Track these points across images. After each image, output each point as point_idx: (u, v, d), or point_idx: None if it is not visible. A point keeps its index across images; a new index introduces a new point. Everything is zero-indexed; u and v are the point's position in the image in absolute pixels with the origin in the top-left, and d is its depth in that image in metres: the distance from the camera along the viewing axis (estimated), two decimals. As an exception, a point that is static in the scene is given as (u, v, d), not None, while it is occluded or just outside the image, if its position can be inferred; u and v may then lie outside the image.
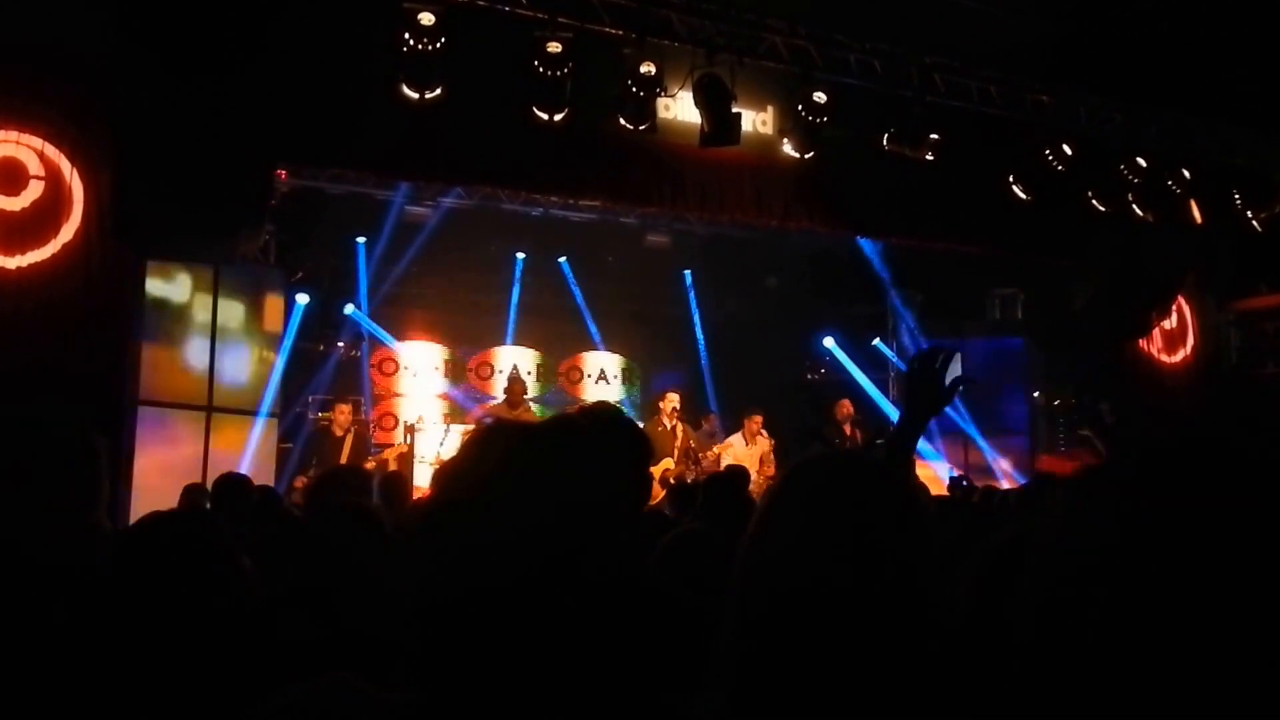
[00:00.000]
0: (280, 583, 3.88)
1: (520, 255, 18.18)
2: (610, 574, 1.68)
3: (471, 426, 15.35)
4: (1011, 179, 14.49)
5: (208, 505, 8.49)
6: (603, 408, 4.26)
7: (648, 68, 12.05)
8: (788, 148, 13.35)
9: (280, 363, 14.51)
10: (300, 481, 13.08)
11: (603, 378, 19.10)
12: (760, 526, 2.01)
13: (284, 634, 3.48)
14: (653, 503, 12.94)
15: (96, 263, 10.61)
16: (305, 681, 1.73)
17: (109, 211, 10.63)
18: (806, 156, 13.29)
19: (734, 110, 12.40)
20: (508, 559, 1.60)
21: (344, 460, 13.48)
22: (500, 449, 1.75)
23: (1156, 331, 17.07)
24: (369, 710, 1.67)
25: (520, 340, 18.59)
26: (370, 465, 13.61)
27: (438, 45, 11.12)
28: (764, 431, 15.26)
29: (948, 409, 3.53)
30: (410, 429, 15.88)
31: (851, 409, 16.01)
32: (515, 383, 15.21)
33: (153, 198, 10.38)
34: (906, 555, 1.91)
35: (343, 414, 14.48)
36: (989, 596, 2.20)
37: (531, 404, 16.62)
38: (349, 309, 16.80)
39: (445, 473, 1.79)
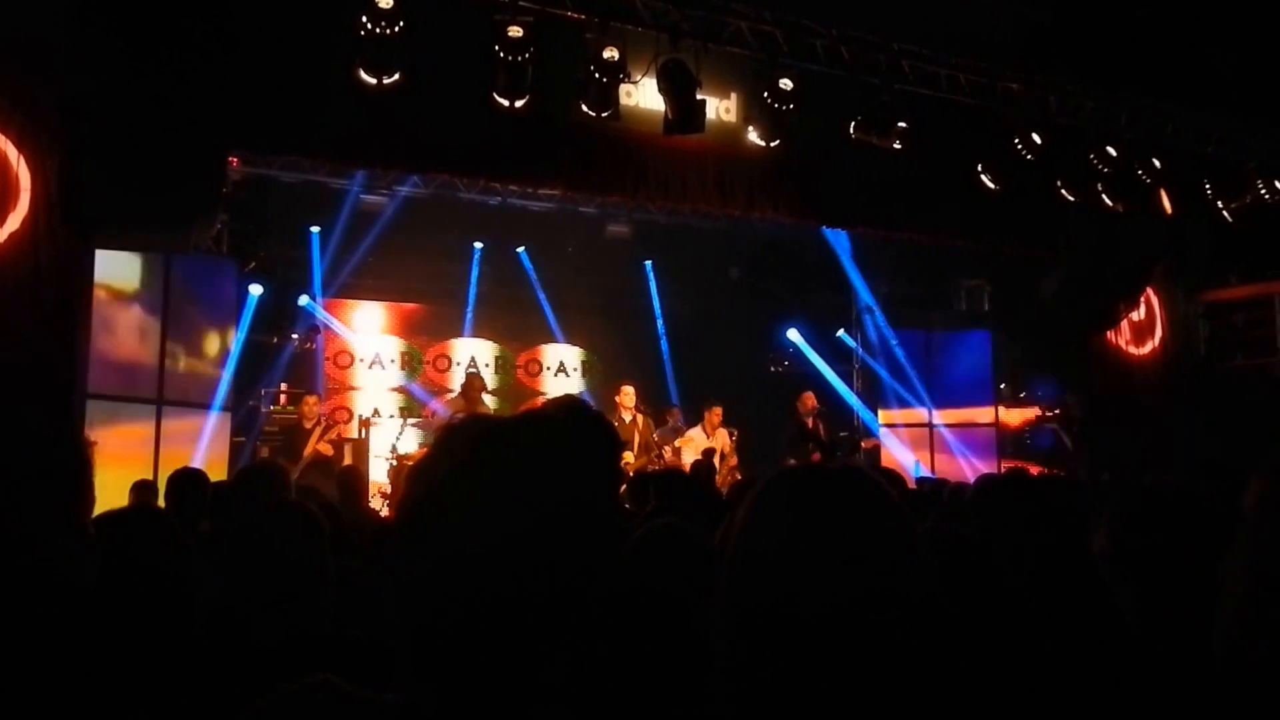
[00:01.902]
0: (239, 581, 3.83)
1: (478, 245, 18.05)
2: (598, 570, 1.66)
3: (423, 419, 15.29)
4: (980, 168, 14.35)
5: (159, 502, 8.24)
6: (570, 401, 4.12)
7: (610, 53, 11.86)
8: (753, 135, 13.19)
9: (233, 355, 14.26)
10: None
11: (562, 370, 18.97)
12: (742, 538, 1.94)
13: (241, 633, 3.52)
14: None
15: (44, 252, 10.32)
16: (289, 684, 1.71)
17: (57, 200, 10.33)
18: (772, 144, 13.13)
19: (698, 97, 12.21)
20: (494, 562, 1.58)
21: (307, 452, 13.31)
22: (477, 447, 1.70)
23: (1125, 323, 17.00)
24: (356, 712, 1.65)
25: (478, 332, 18.45)
26: (326, 449, 13.46)
27: (396, 29, 10.88)
28: (724, 425, 15.19)
29: (913, 401, 3.51)
30: (365, 423, 15.68)
31: (815, 402, 15.87)
32: (473, 378, 14.95)
33: (103, 185, 10.15)
34: (894, 562, 1.86)
35: (309, 405, 14.24)
36: None
37: (488, 399, 16.38)
38: (303, 300, 16.58)
39: (420, 472, 1.73)
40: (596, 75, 11.89)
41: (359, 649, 3.30)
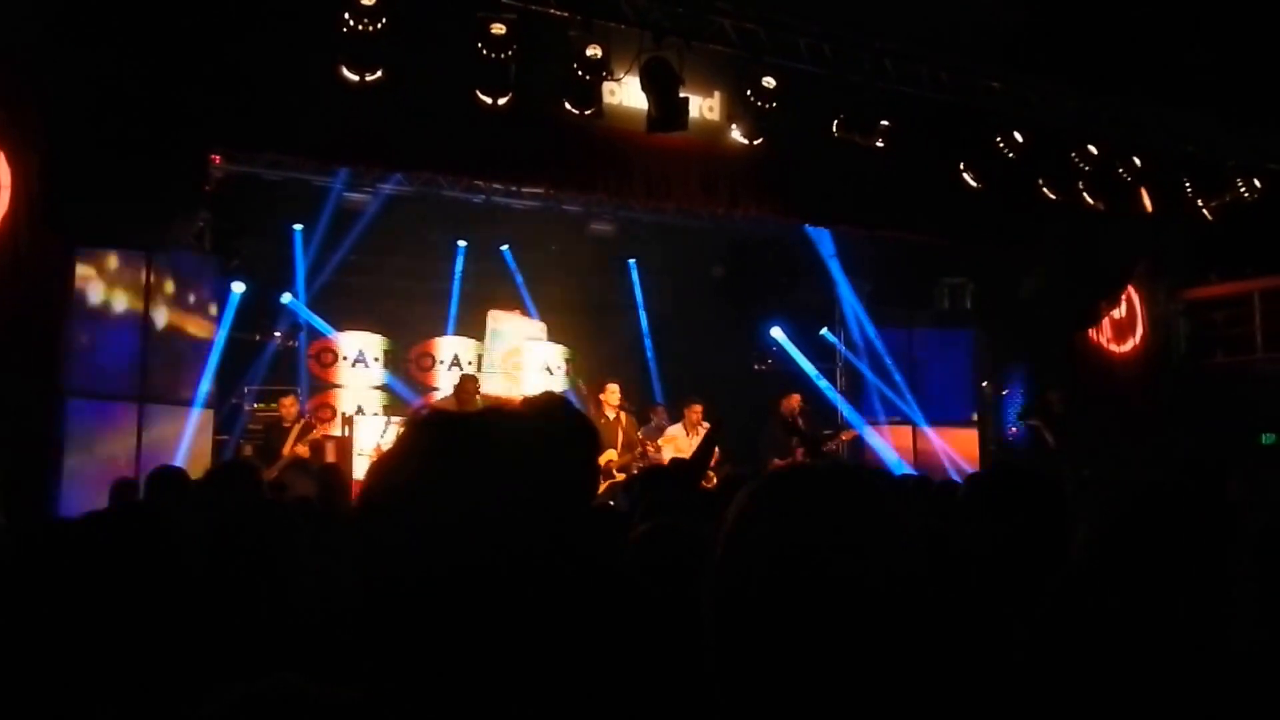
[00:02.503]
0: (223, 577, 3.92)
1: (461, 243, 17.98)
2: (552, 563, 1.64)
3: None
4: (962, 166, 14.40)
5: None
6: (547, 398, 4.20)
7: (593, 51, 11.88)
8: (736, 134, 13.23)
9: (215, 353, 14.20)
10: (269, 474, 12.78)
11: (546, 368, 18.91)
12: (730, 540, 1.88)
13: (229, 629, 3.55)
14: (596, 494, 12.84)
15: (25, 250, 10.32)
16: (246, 683, 1.68)
17: (38, 197, 10.30)
18: (755, 143, 13.18)
19: (681, 95, 12.21)
20: (438, 548, 1.57)
21: (287, 450, 13.25)
22: (433, 437, 1.72)
23: (1106, 321, 17.04)
24: (311, 710, 1.62)
25: (462, 330, 18.36)
26: (303, 450, 13.38)
27: (379, 26, 10.91)
28: (705, 421, 15.15)
29: (896, 399, 3.50)
30: (348, 420, 15.63)
31: (799, 403, 15.82)
32: (468, 380, 14.92)
33: (83, 183, 10.15)
34: (890, 566, 1.81)
35: (286, 407, 14.17)
36: None
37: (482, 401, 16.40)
38: (286, 298, 16.53)
39: (379, 463, 1.75)
40: (580, 73, 11.92)
41: (341, 642, 3.31)
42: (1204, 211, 16.21)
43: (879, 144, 13.39)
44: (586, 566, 1.72)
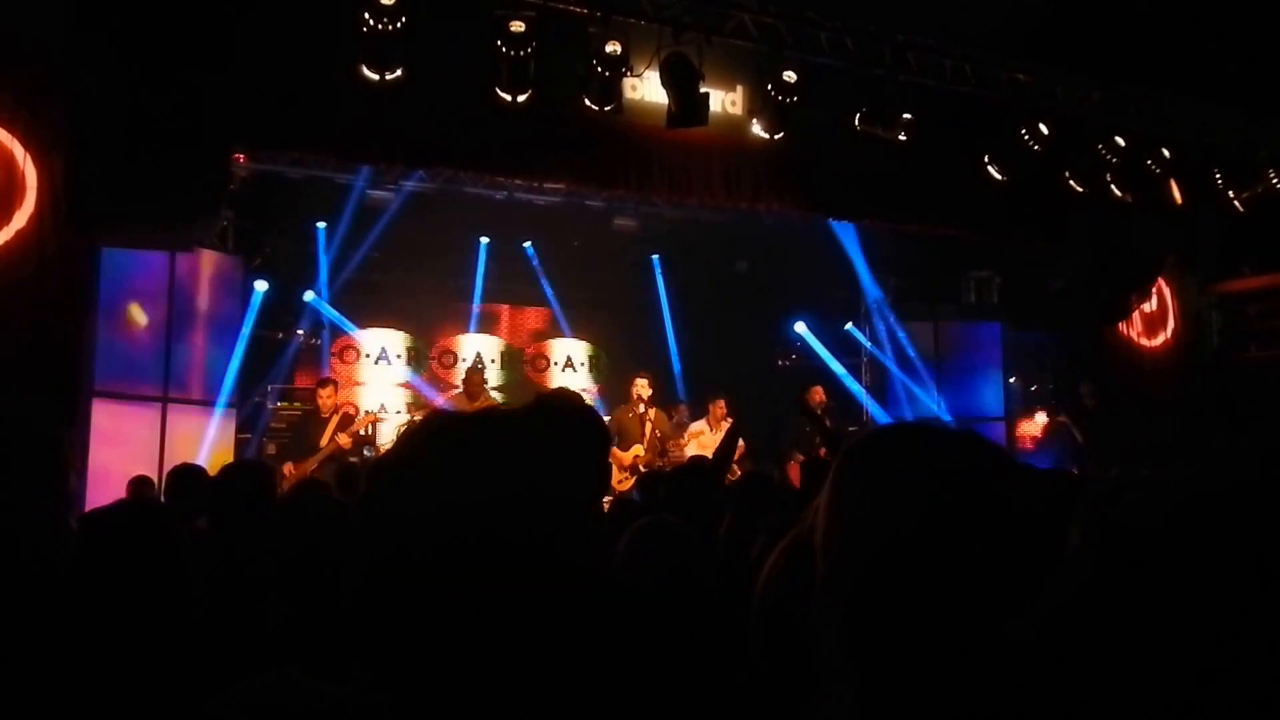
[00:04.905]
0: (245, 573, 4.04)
1: (484, 239, 17.98)
2: (545, 560, 1.64)
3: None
4: (987, 159, 14.30)
5: (161, 498, 8.26)
6: (560, 395, 4.18)
7: (613, 47, 11.83)
8: (757, 128, 13.15)
9: (238, 351, 14.23)
10: (289, 468, 12.73)
11: (569, 365, 18.93)
12: (841, 508, 1.81)
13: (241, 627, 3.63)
14: (621, 489, 12.87)
15: (50, 250, 10.35)
16: (244, 680, 1.70)
17: (63, 197, 10.34)
18: (777, 137, 13.09)
19: (702, 90, 12.19)
20: (428, 547, 1.58)
21: (325, 441, 13.18)
22: (424, 438, 1.73)
23: (1136, 315, 16.92)
24: (310, 705, 1.64)
25: (484, 327, 18.39)
26: (345, 441, 13.32)
27: (398, 25, 10.91)
28: (729, 418, 15.11)
29: (921, 393, 3.43)
30: (372, 418, 15.66)
31: (822, 396, 15.77)
32: (474, 373, 14.92)
33: (108, 183, 10.18)
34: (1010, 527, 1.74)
35: (324, 398, 14.05)
36: None
37: (494, 393, 16.37)
38: (309, 296, 16.57)
39: (375, 463, 1.79)
40: (599, 69, 11.88)
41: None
42: (1235, 203, 16.06)
43: (902, 137, 13.29)
44: (579, 567, 1.70)
